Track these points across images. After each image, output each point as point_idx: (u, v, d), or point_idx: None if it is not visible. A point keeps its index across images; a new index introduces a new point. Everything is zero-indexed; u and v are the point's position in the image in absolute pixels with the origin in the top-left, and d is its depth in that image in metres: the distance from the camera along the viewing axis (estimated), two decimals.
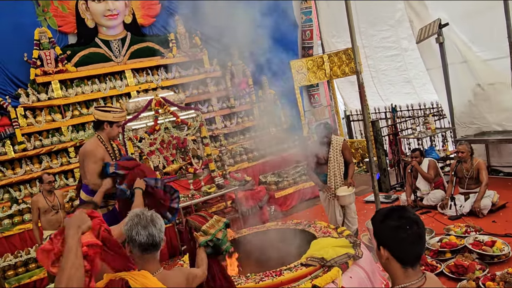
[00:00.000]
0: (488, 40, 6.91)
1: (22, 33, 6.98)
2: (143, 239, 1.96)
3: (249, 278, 3.70)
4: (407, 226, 1.55)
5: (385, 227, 1.60)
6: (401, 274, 1.59)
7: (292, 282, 3.58)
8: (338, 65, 9.49)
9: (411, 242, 1.55)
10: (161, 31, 8.31)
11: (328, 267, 3.74)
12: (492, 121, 7.08)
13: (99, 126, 3.80)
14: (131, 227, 1.97)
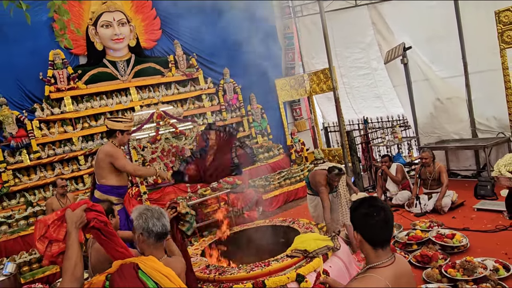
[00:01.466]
0: (446, 61, 7.09)
1: (38, 55, 6.93)
2: (159, 229, 1.98)
3: (241, 269, 3.68)
4: (374, 213, 1.59)
5: (357, 214, 1.63)
6: (372, 255, 1.62)
7: (279, 271, 3.57)
8: (317, 83, 9.58)
9: (379, 227, 1.59)
10: (162, 53, 8.32)
11: (310, 258, 3.75)
12: (450, 130, 7.22)
13: (112, 134, 3.80)
14: (146, 220, 1.98)
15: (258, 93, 9.22)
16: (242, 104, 8.89)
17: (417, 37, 7.34)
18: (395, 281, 1.55)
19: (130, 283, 1.75)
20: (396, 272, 1.59)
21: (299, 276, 3.48)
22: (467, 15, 6.56)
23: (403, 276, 1.61)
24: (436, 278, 3.70)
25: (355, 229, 1.64)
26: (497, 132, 6.50)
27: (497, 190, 5.82)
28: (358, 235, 1.62)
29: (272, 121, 9.36)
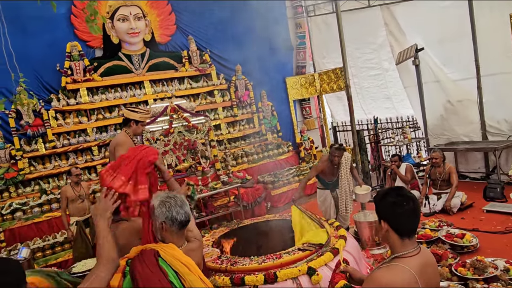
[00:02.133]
0: (458, 63, 7.01)
1: (56, 47, 6.96)
2: (182, 217, 1.95)
3: (253, 260, 3.69)
4: (404, 203, 1.57)
5: (385, 204, 1.61)
6: (399, 244, 1.59)
7: (290, 264, 3.58)
8: (327, 82, 9.53)
9: (407, 216, 1.57)
10: (176, 48, 8.33)
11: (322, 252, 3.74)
12: (460, 132, 7.15)
13: (127, 123, 3.80)
14: (170, 208, 1.94)
15: (269, 90, 9.20)
16: (253, 101, 8.88)
17: (429, 38, 7.27)
18: (420, 270, 1.53)
19: (150, 270, 1.75)
20: (422, 262, 1.57)
21: (310, 269, 3.47)
22: (481, 17, 6.48)
23: (429, 266, 1.59)
24: (446, 276, 3.67)
25: (382, 218, 1.61)
26: (508, 135, 6.42)
27: (507, 193, 5.76)
28: (385, 224, 1.60)
29: (282, 119, 9.34)
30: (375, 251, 4.56)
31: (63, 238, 5.66)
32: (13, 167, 6.23)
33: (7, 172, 6.17)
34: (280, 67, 9.67)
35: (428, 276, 1.56)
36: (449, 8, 6.86)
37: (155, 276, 1.73)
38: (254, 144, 8.66)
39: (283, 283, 3.40)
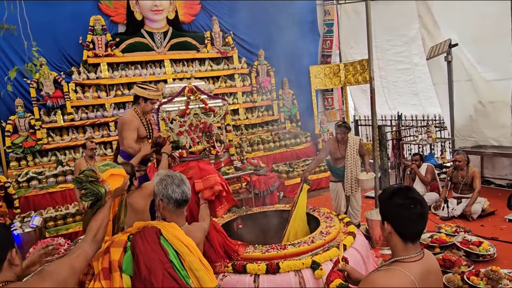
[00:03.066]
0: (493, 62, 6.67)
1: (79, 20, 7.06)
2: (178, 196, 1.96)
3: (257, 249, 3.67)
4: (411, 205, 1.48)
5: (390, 204, 1.53)
6: (401, 248, 1.52)
7: (294, 256, 3.53)
8: (352, 74, 9.31)
9: (413, 220, 1.49)
10: (199, 29, 8.29)
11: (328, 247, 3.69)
12: (489, 136, 6.86)
13: (136, 100, 3.81)
14: (166, 186, 1.97)
15: (291, 78, 9.08)
16: (274, 88, 8.78)
17: (465, 34, 6.93)
18: (422, 278, 1.45)
19: (152, 248, 1.75)
20: (424, 269, 1.49)
21: (314, 263, 3.42)
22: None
23: (431, 274, 1.51)
24: (457, 284, 3.55)
25: (386, 219, 1.54)
26: None
27: None
28: (388, 225, 1.52)
29: (302, 108, 9.22)
30: (385, 251, 4.49)
31: (75, 210, 5.81)
32: (31, 137, 6.42)
33: (25, 140, 6.35)
34: (304, 55, 9.48)
35: (430, 284, 1.49)
36: (489, 5, 6.50)
37: (156, 254, 1.74)
38: (271, 131, 8.60)
39: (285, 275, 3.37)
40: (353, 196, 5.11)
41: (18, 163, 6.32)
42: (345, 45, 9.98)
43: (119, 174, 1.87)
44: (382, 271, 1.50)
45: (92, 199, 1.75)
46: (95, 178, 1.76)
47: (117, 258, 1.75)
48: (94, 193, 1.74)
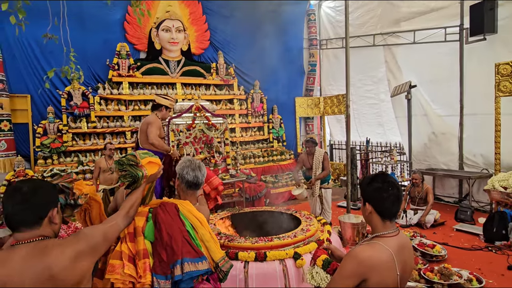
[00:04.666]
0: (445, 101, 6.87)
1: (108, 45, 7.07)
2: (190, 178, 1.91)
3: (247, 240, 3.57)
4: (389, 188, 1.46)
5: (371, 188, 1.51)
6: (380, 225, 1.49)
7: (279, 247, 3.45)
8: (330, 106, 9.45)
9: (391, 201, 1.46)
10: (207, 60, 8.37)
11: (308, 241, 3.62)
12: (440, 160, 6.96)
13: (158, 108, 3.78)
14: (183, 168, 1.94)
15: (280, 106, 9.17)
16: (265, 112, 8.84)
17: (422, 77, 7.16)
18: (398, 251, 1.42)
19: (172, 218, 1.71)
20: (400, 244, 1.46)
21: (296, 254, 3.34)
22: (470, 63, 6.37)
23: (405, 248, 1.47)
24: (415, 278, 3.50)
25: (367, 201, 1.51)
26: (482, 168, 6.21)
27: (476, 217, 5.56)
28: (370, 206, 1.50)
29: (288, 131, 9.28)
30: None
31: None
32: (58, 139, 6.27)
33: (53, 142, 6.20)
34: (292, 88, 9.64)
35: (404, 257, 1.45)
36: (442, 53, 6.76)
37: (176, 223, 1.70)
38: (261, 148, 8.58)
39: (271, 263, 3.28)
40: (326, 200, 5.12)
41: (44, 161, 6.15)
42: (325, 82, 10.18)
43: (155, 163, 1.83)
44: (364, 245, 1.46)
45: (129, 180, 1.69)
46: (135, 162, 1.72)
47: (141, 225, 1.69)
48: (132, 175, 1.69)
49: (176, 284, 1.60)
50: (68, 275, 1.24)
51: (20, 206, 1.26)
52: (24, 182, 1.33)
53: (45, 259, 1.23)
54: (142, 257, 1.61)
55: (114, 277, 1.53)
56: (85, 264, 1.30)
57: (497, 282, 3.51)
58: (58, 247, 1.27)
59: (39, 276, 1.20)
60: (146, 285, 1.56)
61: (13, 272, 1.20)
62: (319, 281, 1.51)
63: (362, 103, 9.05)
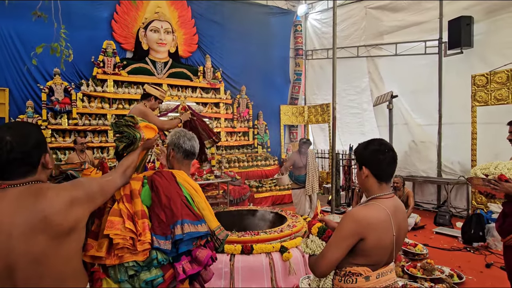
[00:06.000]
0: (424, 111, 7.14)
1: (94, 43, 6.96)
2: (187, 147, 1.87)
3: (233, 234, 3.53)
4: (386, 150, 1.50)
5: (367, 151, 1.53)
6: (376, 188, 1.51)
7: (266, 241, 3.42)
8: (314, 115, 9.62)
9: (387, 162, 1.49)
10: (194, 64, 8.38)
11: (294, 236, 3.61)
12: (420, 168, 7.18)
13: (147, 97, 3.71)
14: (179, 137, 1.89)
15: (266, 112, 9.25)
16: (251, 118, 8.88)
17: (403, 88, 7.42)
18: (393, 212, 1.45)
19: (170, 183, 1.67)
20: (395, 206, 1.49)
21: (283, 247, 3.33)
22: (448, 75, 6.69)
23: (399, 211, 1.50)
24: (398, 274, 3.54)
25: (364, 164, 1.53)
26: (459, 175, 6.45)
27: (454, 222, 5.72)
28: (366, 170, 1.52)
29: (272, 138, 9.33)
30: None
31: None
32: None
33: None
34: (277, 96, 9.78)
35: (399, 220, 1.48)
36: (422, 65, 7.07)
37: (173, 188, 1.67)
38: (246, 154, 8.58)
39: (257, 256, 3.24)
40: (312, 201, 5.16)
41: None
42: (310, 91, 10.38)
43: (152, 128, 1.80)
44: (361, 206, 1.48)
45: (126, 142, 1.65)
46: (133, 123, 1.69)
47: (137, 187, 1.65)
48: (130, 136, 1.65)
49: (176, 245, 1.56)
50: (62, 219, 1.18)
51: (10, 156, 1.17)
52: (4, 131, 1.19)
53: (39, 200, 1.17)
54: (140, 217, 1.56)
55: (114, 232, 1.46)
56: (80, 211, 1.25)
57: (476, 279, 3.60)
58: (53, 189, 1.22)
59: (31, 217, 1.14)
60: (146, 242, 1.51)
61: (4, 212, 1.13)
62: (314, 248, 1.51)
63: (345, 112, 9.25)
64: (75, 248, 1.25)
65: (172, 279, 1.56)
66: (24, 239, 1.12)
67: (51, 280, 1.16)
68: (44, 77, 6.47)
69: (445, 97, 6.75)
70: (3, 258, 1.10)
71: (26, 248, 1.12)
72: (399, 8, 7.57)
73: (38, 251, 1.13)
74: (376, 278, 1.41)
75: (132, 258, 1.49)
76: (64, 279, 1.21)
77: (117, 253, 1.48)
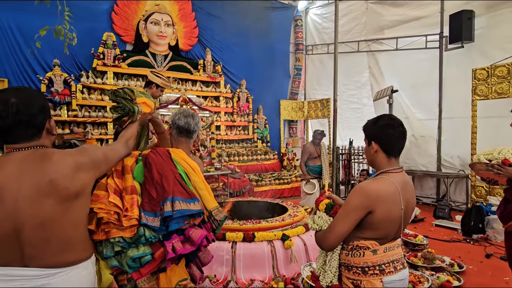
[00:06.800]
0: (424, 105, 7.15)
1: (94, 34, 6.90)
2: (181, 123, 1.86)
3: (235, 222, 3.53)
4: (395, 125, 1.50)
5: (377, 126, 1.53)
6: (385, 162, 1.51)
7: (267, 229, 3.42)
8: (314, 110, 9.61)
9: (397, 137, 1.49)
10: (194, 57, 8.34)
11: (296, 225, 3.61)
12: (419, 162, 7.19)
13: (149, 85, 3.70)
14: (175, 114, 1.90)
15: (265, 107, 9.23)
16: (251, 112, 8.86)
17: (403, 82, 7.43)
18: (402, 186, 1.44)
19: (164, 160, 1.65)
20: (404, 180, 1.48)
21: (284, 235, 3.33)
22: (449, 69, 6.69)
23: (408, 186, 1.50)
24: None
25: (373, 139, 1.53)
26: (458, 170, 6.47)
27: (453, 215, 5.74)
28: (375, 145, 1.51)
29: (272, 132, 9.32)
30: None
31: None
32: None
33: None
34: (277, 90, 9.75)
35: (407, 194, 1.47)
36: (423, 60, 7.07)
37: (167, 165, 1.63)
38: (246, 148, 8.57)
39: (259, 243, 3.24)
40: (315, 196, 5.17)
41: None
42: (310, 87, 10.37)
43: (148, 105, 1.78)
44: (369, 180, 1.48)
45: (120, 114, 1.64)
46: (131, 97, 1.67)
47: (130, 164, 1.62)
48: (126, 109, 1.63)
49: (166, 223, 1.52)
50: (68, 183, 1.17)
51: (16, 118, 1.16)
52: (9, 93, 1.18)
53: (44, 164, 1.16)
54: (130, 192, 1.51)
55: (98, 206, 1.41)
56: (85, 177, 1.24)
57: (476, 268, 3.62)
58: (59, 154, 1.21)
59: (37, 180, 1.13)
60: (133, 218, 1.45)
61: (10, 176, 1.12)
62: (322, 224, 1.50)
63: (345, 107, 9.24)
64: (81, 214, 1.24)
65: (162, 257, 1.51)
66: (30, 202, 1.11)
67: (57, 245, 1.16)
68: (43, 68, 6.43)
69: (446, 92, 6.76)
70: (10, 220, 1.09)
71: (32, 211, 1.12)
72: (400, 2, 7.57)
73: (44, 214, 1.12)
74: (383, 252, 1.40)
75: (118, 234, 1.43)
76: (71, 245, 1.20)
77: (103, 228, 1.43)
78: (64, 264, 1.17)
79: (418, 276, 3.11)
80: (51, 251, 1.15)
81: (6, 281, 1.08)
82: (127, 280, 1.46)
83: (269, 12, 9.54)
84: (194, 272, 1.72)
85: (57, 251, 1.16)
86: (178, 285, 1.56)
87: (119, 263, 1.45)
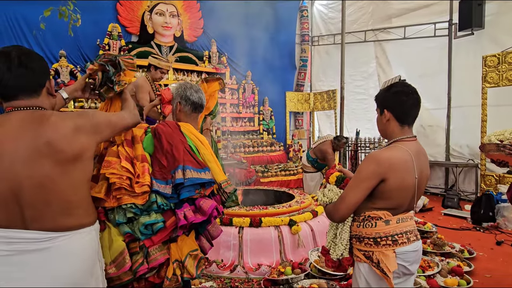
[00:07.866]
0: (433, 95, 7.02)
1: (99, 26, 6.89)
2: (195, 99, 1.80)
3: (242, 208, 3.51)
4: (409, 92, 1.45)
5: (390, 93, 1.49)
6: (398, 131, 1.47)
7: (274, 215, 3.40)
8: (320, 101, 9.53)
9: (410, 104, 1.45)
10: (199, 49, 8.29)
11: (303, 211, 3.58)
12: (428, 152, 6.96)
13: (149, 68, 3.71)
14: (185, 89, 1.80)
15: (271, 98, 9.16)
16: (256, 104, 8.82)
17: (411, 72, 7.29)
18: (416, 155, 1.40)
19: (173, 131, 1.62)
20: (417, 149, 1.44)
21: (291, 221, 3.31)
22: (458, 57, 6.57)
23: (422, 155, 1.46)
24: None
25: (386, 107, 1.48)
26: (468, 159, 6.37)
27: (462, 205, 5.67)
28: (388, 113, 1.46)
29: (278, 124, 9.26)
30: None
31: None
32: None
33: None
34: (283, 82, 9.67)
35: (421, 164, 1.43)
36: (431, 48, 6.95)
37: (177, 135, 1.61)
38: (251, 139, 8.54)
39: (266, 228, 3.22)
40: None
41: None
42: (315, 78, 10.28)
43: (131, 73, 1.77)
44: (382, 149, 1.44)
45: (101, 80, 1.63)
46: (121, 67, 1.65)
47: (139, 134, 1.61)
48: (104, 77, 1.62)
49: (177, 191, 1.51)
50: (66, 145, 1.16)
51: (18, 70, 1.16)
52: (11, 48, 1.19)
53: (42, 125, 1.15)
54: (141, 160, 1.52)
55: (110, 171, 1.41)
56: (85, 140, 1.22)
57: (487, 255, 3.56)
58: (57, 116, 1.20)
59: (35, 141, 1.12)
60: (144, 184, 1.45)
61: (7, 136, 1.11)
62: (332, 196, 1.47)
63: (352, 98, 9.16)
64: (81, 178, 1.23)
65: (174, 226, 1.51)
66: (28, 163, 1.11)
67: (58, 207, 1.15)
68: (49, 60, 6.44)
69: (454, 80, 6.64)
70: (8, 182, 1.09)
71: (29, 172, 1.11)
72: None
73: (42, 175, 1.12)
74: (396, 222, 1.37)
75: (130, 200, 1.44)
76: (72, 208, 1.19)
77: (115, 195, 1.44)
78: (65, 228, 1.16)
79: (427, 261, 3.07)
80: (52, 213, 1.13)
81: (7, 243, 1.08)
82: (139, 247, 1.45)
83: (275, 3, 9.43)
84: (204, 244, 1.71)
85: (58, 214, 1.15)
86: (190, 254, 1.55)
87: (131, 230, 1.45)
